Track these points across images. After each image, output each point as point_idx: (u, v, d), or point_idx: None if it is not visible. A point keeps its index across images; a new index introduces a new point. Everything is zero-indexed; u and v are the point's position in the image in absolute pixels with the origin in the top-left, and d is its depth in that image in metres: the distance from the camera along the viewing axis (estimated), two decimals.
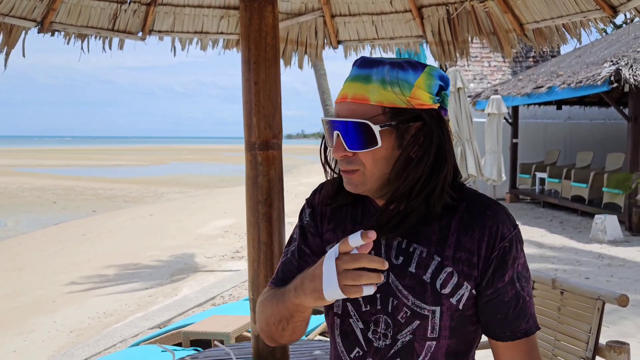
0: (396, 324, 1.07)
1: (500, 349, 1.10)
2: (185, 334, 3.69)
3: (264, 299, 1.15)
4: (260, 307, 1.15)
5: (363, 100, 1.03)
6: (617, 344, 2.01)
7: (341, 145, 1.05)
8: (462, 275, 1.05)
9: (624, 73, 8.31)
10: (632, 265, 6.92)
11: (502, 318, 1.07)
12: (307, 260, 1.15)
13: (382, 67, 1.04)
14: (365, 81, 1.03)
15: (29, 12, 2.39)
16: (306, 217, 1.19)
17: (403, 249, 1.08)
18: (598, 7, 2.23)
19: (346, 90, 1.06)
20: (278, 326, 1.09)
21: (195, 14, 2.85)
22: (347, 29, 3.01)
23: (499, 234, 1.05)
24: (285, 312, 1.05)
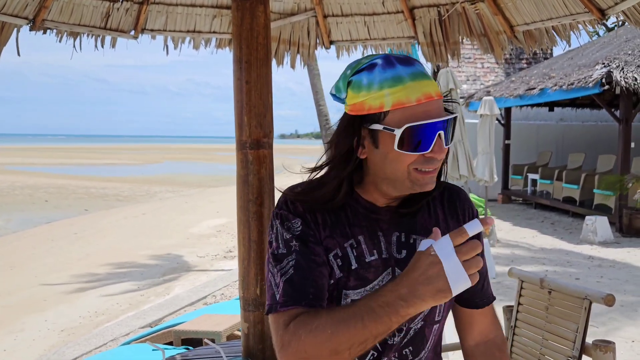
0: None
1: (477, 317, 1.23)
2: (177, 333, 3.69)
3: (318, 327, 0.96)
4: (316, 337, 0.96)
5: (439, 96, 1.04)
6: (603, 342, 2.03)
7: (442, 145, 1.02)
8: None
9: (615, 75, 8.38)
10: (622, 267, 6.97)
11: (480, 288, 1.21)
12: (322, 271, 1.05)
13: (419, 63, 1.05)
14: (429, 77, 1.03)
15: (20, 9, 2.39)
16: (297, 227, 1.08)
17: (404, 242, 1.11)
18: (587, 9, 2.26)
19: (426, 89, 1.01)
20: (356, 348, 0.94)
21: (188, 13, 2.85)
22: (340, 30, 3.02)
23: (474, 214, 1.19)
24: (382, 328, 0.92)
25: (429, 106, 1.01)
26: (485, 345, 1.23)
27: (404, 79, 1.00)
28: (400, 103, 1.00)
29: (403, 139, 1.00)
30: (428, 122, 0.99)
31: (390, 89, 1.00)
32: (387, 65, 1.02)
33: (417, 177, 1.04)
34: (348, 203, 1.11)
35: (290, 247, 1.06)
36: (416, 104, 1.00)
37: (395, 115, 1.01)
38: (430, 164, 1.03)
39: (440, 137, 1.01)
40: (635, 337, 4.50)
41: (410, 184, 1.05)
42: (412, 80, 1.00)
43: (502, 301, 5.26)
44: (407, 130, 1.00)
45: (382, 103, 1.01)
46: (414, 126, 0.99)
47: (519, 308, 2.39)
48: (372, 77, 1.02)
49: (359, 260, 1.09)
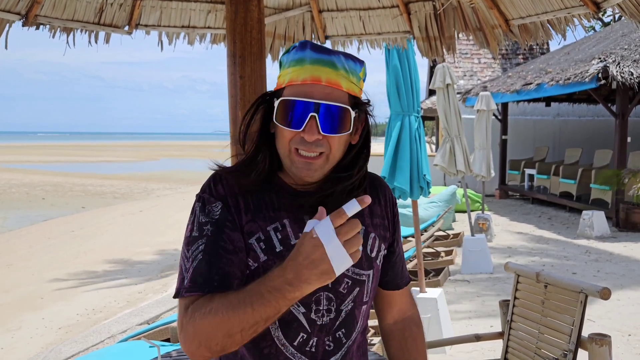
0: (338, 296, 1.13)
1: (397, 297, 1.30)
2: (174, 330, 3.68)
3: (213, 310, 0.98)
4: (209, 321, 0.98)
5: (337, 86, 1.06)
6: (599, 336, 2.03)
7: (315, 128, 1.04)
8: (380, 238, 1.20)
9: (611, 70, 8.38)
10: (618, 261, 6.99)
11: (400, 269, 1.29)
12: (231, 258, 1.06)
13: (338, 56, 1.08)
14: (333, 67, 1.06)
15: (13, 4, 2.37)
16: (217, 211, 1.08)
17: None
18: (582, 3, 2.25)
19: (317, 73, 1.05)
20: (248, 332, 0.97)
21: (182, 8, 2.84)
22: (335, 24, 3.01)
23: (393, 200, 1.26)
24: (270, 312, 0.95)
25: (312, 88, 1.05)
26: (403, 322, 1.31)
27: (304, 61, 1.06)
28: (291, 81, 1.07)
29: (279, 112, 1.06)
30: (299, 99, 1.04)
31: (292, 67, 1.08)
32: (300, 49, 1.09)
33: (294, 159, 1.08)
34: (273, 187, 1.14)
35: (202, 230, 1.08)
36: (301, 83, 1.05)
37: (286, 92, 1.08)
38: (306, 146, 1.05)
39: (315, 120, 1.04)
40: (632, 331, 4.51)
41: (290, 163, 1.09)
42: (312, 64, 1.06)
43: (499, 295, 5.27)
44: (281, 103, 1.06)
45: (284, 80, 1.09)
46: (287, 100, 1.06)
47: (516, 302, 2.40)
48: (287, 58, 1.10)
49: (283, 243, 1.10)
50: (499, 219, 10.39)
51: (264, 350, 1.11)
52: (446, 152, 6.71)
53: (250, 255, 1.09)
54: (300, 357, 1.11)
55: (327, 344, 1.13)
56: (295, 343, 1.11)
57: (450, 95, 6.69)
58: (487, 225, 8.24)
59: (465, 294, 5.64)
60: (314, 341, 1.11)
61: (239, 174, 1.12)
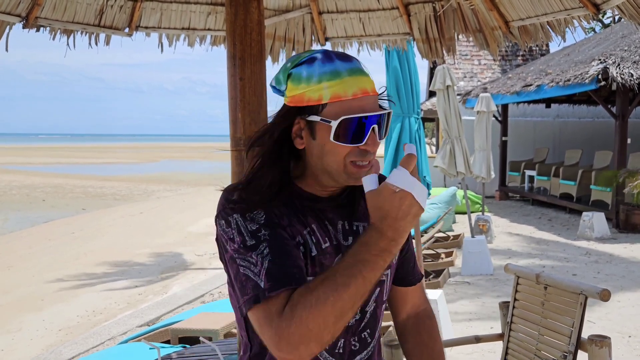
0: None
1: (410, 293, 1.32)
2: (174, 332, 3.69)
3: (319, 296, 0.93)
4: (317, 310, 0.93)
5: (375, 92, 1.10)
6: (599, 338, 2.03)
7: (375, 138, 1.08)
8: None
9: (611, 71, 8.38)
10: (618, 262, 6.99)
11: (412, 266, 1.31)
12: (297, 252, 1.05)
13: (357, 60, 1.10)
14: (366, 74, 1.09)
15: (13, 7, 2.37)
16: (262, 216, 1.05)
17: (348, 230, 1.16)
18: (581, 4, 2.26)
19: (362, 84, 1.06)
20: (357, 305, 0.96)
21: (182, 10, 2.84)
22: (335, 26, 3.01)
23: None
24: (378, 274, 0.95)
25: (364, 101, 1.06)
26: (417, 317, 1.32)
27: (341, 73, 1.05)
28: (337, 96, 1.04)
29: (339, 131, 1.05)
30: (363, 115, 1.05)
31: (328, 82, 1.05)
32: (326, 60, 1.07)
33: (353, 171, 1.08)
34: (291, 196, 1.12)
35: (258, 237, 1.02)
36: (352, 98, 1.05)
37: (333, 108, 1.05)
38: (365, 157, 1.08)
39: (374, 131, 1.07)
40: (632, 332, 4.51)
41: (346, 176, 1.09)
42: (350, 75, 1.05)
43: (499, 297, 5.27)
44: (343, 122, 1.04)
45: (320, 95, 1.05)
46: (350, 118, 1.04)
47: (515, 304, 2.40)
48: (312, 70, 1.06)
49: (317, 247, 1.11)
50: (499, 220, 10.39)
51: None
52: (446, 153, 6.71)
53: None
54: (327, 356, 1.14)
55: (353, 344, 1.15)
56: None
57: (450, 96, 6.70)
58: (487, 226, 8.24)
59: (465, 295, 5.64)
60: (342, 342, 1.14)
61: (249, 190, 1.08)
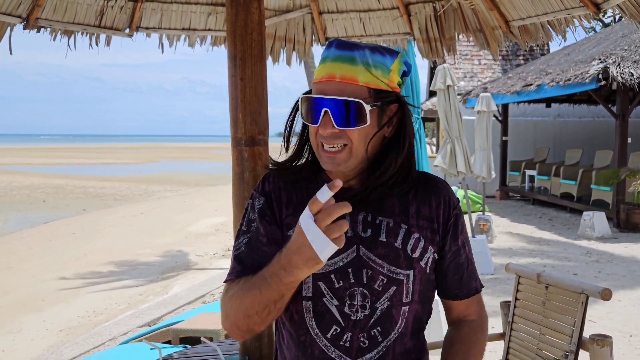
0: (373, 293, 1.13)
1: (455, 305, 1.26)
2: (175, 332, 3.68)
3: (236, 292, 1.10)
4: (233, 302, 1.10)
5: (352, 81, 1.09)
6: (601, 337, 2.03)
7: (329, 122, 1.08)
8: (427, 240, 1.17)
9: (611, 71, 8.38)
10: (619, 261, 6.99)
11: (458, 279, 1.23)
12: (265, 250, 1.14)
13: (363, 51, 1.11)
14: (351, 62, 1.09)
15: (14, 8, 2.37)
16: (259, 205, 1.18)
17: (369, 222, 1.15)
18: (582, 4, 2.26)
19: (332, 70, 1.09)
20: (262, 313, 1.06)
21: (183, 11, 2.85)
22: (335, 26, 3.01)
23: (452, 203, 1.21)
24: (274, 295, 1.03)
25: (326, 85, 1.09)
26: (462, 323, 1.27)
27: (327, 59, 1.11)
28: (315, 79, 1.13)
29: (302, 109, 1.13)
30: (312, 96, 1.10)
31: (319, 66, 1.13)
32: (328, 47, 1.14)
33: (321, 153, 1.13)
34: (317, 183, 1.19)
35: (250, 226, 1.18)
36: (319, 81, 1.11)
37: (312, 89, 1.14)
38: (326, 140, 1.10)
39: (328, 114, 1.08)
40: (633, 332, 4.50)
41: (319, 157, 1.14)
42: (331, 61, 1.10)
43: (500, 297, 5.27)
44: (302, 100, 1.13)
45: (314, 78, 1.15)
46: (304, 97, 1.12)
47: (516, 303, 2.39)
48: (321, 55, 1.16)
49: None
50: (500, 220, 10.38)
51: (300, 338, 1.15)
52: (447, 153, 6.71)
53: None
54: (334, 350, 1.13)
55: (362, 341, 1.13)
56: (328, 335, 1.13)
57: (450, 96, 6.70)
58: (487, 226, 8.24)
59: None
60: (348, 336, 1.13)
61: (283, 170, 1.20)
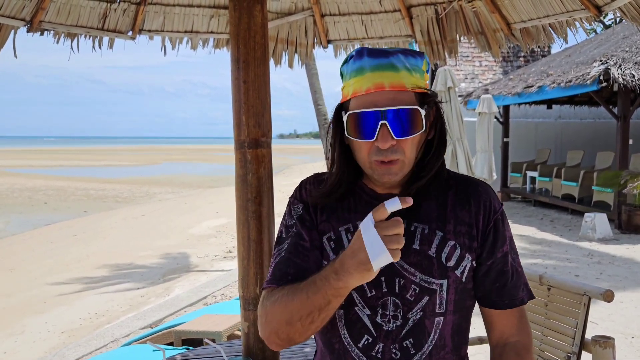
0: (405, 303, 1.09)
1: (495, 317, 1.18)
2: (177, 333, 3.69)
3: (280, 297, 1.06)
4: (275, 308, 1.06)
5: (401, 87, 1.05)
6: (603, 338, 2.03)
7: (388, 135, 1.04)
8: (465, 248, 1.12)
9: (612, 72, 8.38)
10: (621, 263, 6.98)
11: (500, 287, 1.15)
12: (307, 255, 1.12)
13: (397, 56, 1.07)
14: (394, 69, 1.05)
15: (17, 11, 2.38)
16: (298, 211, 1.17)
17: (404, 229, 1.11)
18: (583, 7, 2.26)
19: (379, 80, 1.04)
20: (306, 320, 1.01)
21: (185, 14, 2.85)
22: (337, 29, 3.02)
23: (492, 208, 1.15)
24: (321, 301, 0.99)
25: (378, 96, 1.05)
26: (504, 348, 1.17)
27: (364, 70, 1.06)
28: (355, 92, 1.07)
29: (350, 126, 1.07)
30: (367, 111, 1.04)
31: (353, 79, 1.07)
32: (357, 57, 1.08)
33: (375, 167, 1.08)
34: (354, 191, 1.17)
35: (289, 232, 1.16)
36: (365, 93, 1.05)
37: (353, 103, 1.08)
38: (381, 155, 1.06)
39: (386, 127, 1.04)
40: (635, 333, 4.50)
41: (371, 172, 1.10)
42: (372, 71, 1.05)
43: None
44: (350, 117, 1.06)
45: (348, 92, 1.09)
46: (354, 113, 1.06)
47: None
48: (347, 68, 1.10)
49: None
50: None
51: (334, 346, 1.14)
52: (448, 155, 6.72)
53: (323, 255, 1.14)
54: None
55: (394, 352, 1.09)
56: (359, 345, 1.11)
57: (452, 98, 6.71)
58: None
59: None
60: (380, 347, 1.10)
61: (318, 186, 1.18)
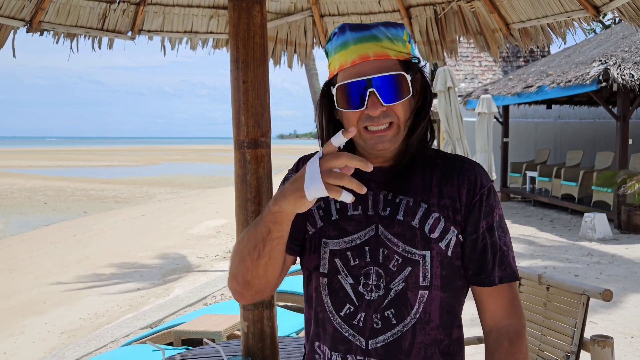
0: (388, 273, 1.11)
1: (485, 296, 1.17)
2: (177, 334, 3.69)
3: (237, 242, 1.12)
4: (233, 253, 1.12)
5: (385, 56, 1.08)
6: (602, 338, 2.04)
7: (377, 102, 1.06)
8: (449, 220, 1.13)
9: (612, 72, 8.39)
10: (620, 263, 6.99)
11: (487, 262, 1.14)
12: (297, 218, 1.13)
13: (378, 27, 1.10)
14: (376, 40, 1.08)
15: (17, 11, 2.39)
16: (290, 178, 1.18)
17: (390, 201, 1.14)
18: (582, 7, 2.27)
19: (362, 51, 1.07)
20: (253, 255, 1.06)
21: (185, 14, 2.86)
22: None
23: (478, 182, 1.15)
24: (262, 230, 1.03)
25: (363, 67, 1.07)
26: (496, 333, 1.15)
27: (348, 43, 1.09)
28: (341, 66, 1.10)
29: (338, 98, 1.09)
30: (354, 80, 1.07)
31: (338, 53, 1.10)
32: (340, 33, 1.11)
33: (366, 136, 1.10)
34: None
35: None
36: (351, 65, 1.08)
37: (340, 77, 1.10)
38: (372, 121, 1.08)
39: (374, 94, 1.06)
40: (634, 333, 4.51)
41: (363, 143, 1.11)
42: (355, 44, 1.08)
43: None
44: (338, 89, 1.09)
45: (334, 67, 1.12)
46: (342, 85, 1.08)
47: None
48: (331, 45, 1.13)
49: (340, 213, 1.15)
50: None
51: (319, 315, 1.16)
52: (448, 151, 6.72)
53: (310, 221, 1.16)
54: (347, 329, 1.12)
55: (375, 322, 1.10)
56: (342, 313, 1.13)
57: (451, 98, 6.71)
58: None
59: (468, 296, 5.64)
60: (362, 316, 1.11)
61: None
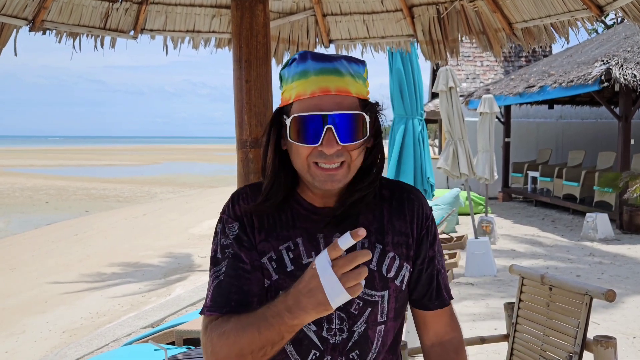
0: (350, 317, 1.10)
1: (430, 318, 1.21)
2: (178, 333, 3.69)
3: (229, 330, 1.02)
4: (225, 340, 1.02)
5: (346, 93, 1.04)
6: (605, 338, 2.03)
7: (333, 139, 1.02)
8: (403, 257, 1.14)
9: (614, 72, 8.37)
10: (622, 263, 6.98)
11: (432, 289, 1.18)
12: (249, 277, 1.09)
13: (341, 61, 1.05)
14: (338, 74, 1.03)
15: (20, 10, 2.39)
16: (234, 231, 1.12)
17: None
18: (585, 6, 2.26)
19: (324, 84, 1.02)
20: (258, 354, 1.00)
21: (187, 13, 2.86)
22: (339, 28, 3.02)
23: (423, 214, 1.17)
24: (274, 337, 0.98)
25: (323, 100, 1.03)
26: (441, 347, 1.21)
27: (309, 73, 1.03)
28: (298, 95, 1.04)
29: (293, 129, 1.04)
30: (313, 114, 1.02)
31: (296, 82, 1.04)
32: (301, 60, 1.06)
33: (315, 172, 1.05)
34: (290, 205, 1.13)
35: (224, 253, 1.11)
36: (310, 97, 1.03)
37: (295, 107, 1.05)
38: (325, 159, 1.03)
39: (331, 131, 1.02)
40: (637, 333, 4.50)
41: (311, 178, 1.06)
42: (317, 75, 1.03)
43: (503, 298, 5.27)
44: (293, 120, 1.03)
45: (290, 95, 1.06)
46: (298, 117, 1.03)
47: (520, 304, 2.40)
48: (289, 71, 1.07)
49: (295, 263, 1.10)
50: (503, 221, 10.37)
51: None
52: (449, 155, 6.71)
53: (264, 274, 1.10)
54: None
55: None
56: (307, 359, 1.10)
57: (453, 98, 6.70)
58: (490, 227, 8.24)
59: (469, 296, 5.63)
60: (328, 359, 1.10)
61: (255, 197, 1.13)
